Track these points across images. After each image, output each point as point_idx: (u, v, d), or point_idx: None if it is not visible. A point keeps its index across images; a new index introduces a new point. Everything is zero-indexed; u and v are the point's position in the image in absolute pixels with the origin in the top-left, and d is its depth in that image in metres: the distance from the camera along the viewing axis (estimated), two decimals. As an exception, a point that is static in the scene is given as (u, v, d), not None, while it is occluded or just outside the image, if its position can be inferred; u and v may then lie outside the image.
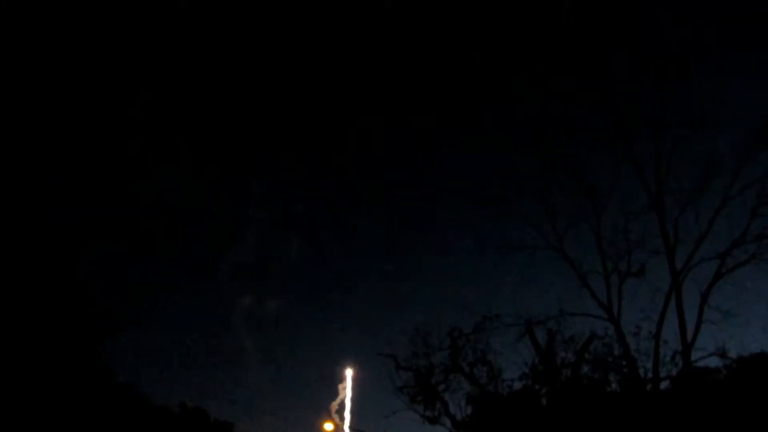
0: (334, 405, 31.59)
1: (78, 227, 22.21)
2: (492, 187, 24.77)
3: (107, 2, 24.01)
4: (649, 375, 22.71)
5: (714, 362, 22.74)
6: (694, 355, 22.21)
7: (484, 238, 25.20)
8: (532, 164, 24.69)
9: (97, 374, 22.08)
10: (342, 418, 30.19)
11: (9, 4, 22.01)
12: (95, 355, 22.20)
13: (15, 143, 21.66)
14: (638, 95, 23.16)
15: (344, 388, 29.81)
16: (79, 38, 23.59)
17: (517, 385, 24.67)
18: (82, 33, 23.62)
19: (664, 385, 22.81)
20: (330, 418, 31.75)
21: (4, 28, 21.81)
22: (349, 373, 29.60)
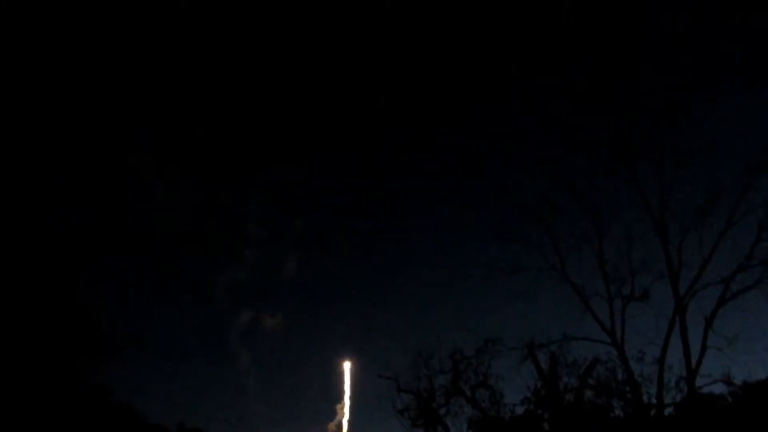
0: (332, 426, 31.24)
1: (77, 249, 22.17)
2: (495, 208, 24.75)
3: (107, 2, 24.07)
4: (653, 401, 22.44)
5: (719, 389, 22.48)
6: (698, 381, 21.97)
7: (486, 260, 25.14)
8: (535, 187, 24.68)
9: (94, 393, 21.90)
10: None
11: (9, 4, 22.06)
12: (94, 375, 22.06)
13: (11, 158, 21.64)
14: (641, 119, 23.20)
15: (342, 408, 29.49)
16: (79, 39, 23.59)
17: (519, 410, 24.42)
18: (82, 33, 23.62)
19: (668, 411, 22.50)
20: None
21: (4, 28, 21.84)
22: (347, 365, 29.36)
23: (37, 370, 20.28)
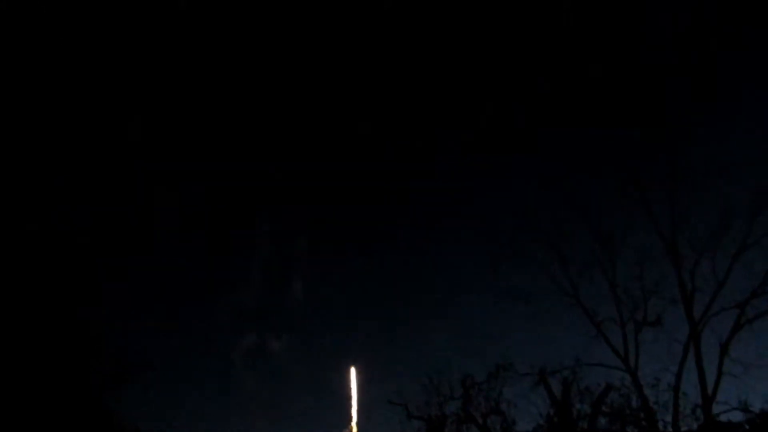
0: None
1: (84, 275, 22.27)
2: (504, 232, 24.64)
3: (107, 2, 24.19)
4: (669, 429, 21.98)
5: (737, 416, 21.93)
6: (715, 409, 21.52)
7: (496, 284, 24.97)
8: (545, 210, 24.55)
9: (102, 418, 21.87)
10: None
11: (9, 4, 22.25)
12: (102, 400, 22.04)
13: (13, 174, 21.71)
14: (651, 141, 23.06)
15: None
16: (79, 39, 23.61)
17: (532, 437, 23.97)
18: (82, 34, 23.65)
19: (684, 439, 22.03)
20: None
21: (4, 28, 21.99)
22: (353, 372, 29.21)
23: (46, 393, 20.32)
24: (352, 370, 29.10)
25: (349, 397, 28.51)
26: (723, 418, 21.69)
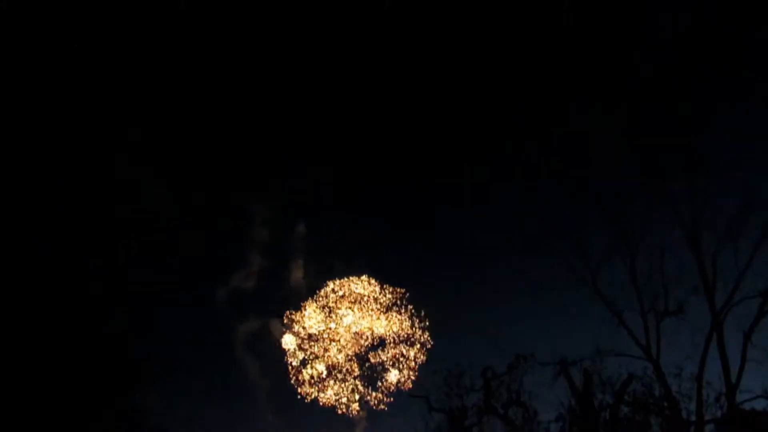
0: None
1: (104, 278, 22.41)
2: (525, 223, 24.61)
3: (107, 2, 24.17)
4: (693, 417, 21.92)
5: (761, 404, 21.83)
6: (739, 397, 21.46)
7: (517, 275, 24.94)
8: (565, 201, 24.44)
9: (127, 415, 22.09)
10: None
11: (9, 4, 22.29)
12: (127, 398, 22.24)
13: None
14: (672, 131, 22.89)
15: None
16: (78, 39, 23.58)
17: (554, 428, 24.02)
18: (82, 33, 23.61)
19: (708, 428, 21.99)
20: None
21: (4, 28, 22.02)
22: None
23: (73, 396, 20.54)
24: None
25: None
26: (747, 406, 21.62)
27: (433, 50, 27.30)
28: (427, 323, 29.00)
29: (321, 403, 28.47)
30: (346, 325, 29.06)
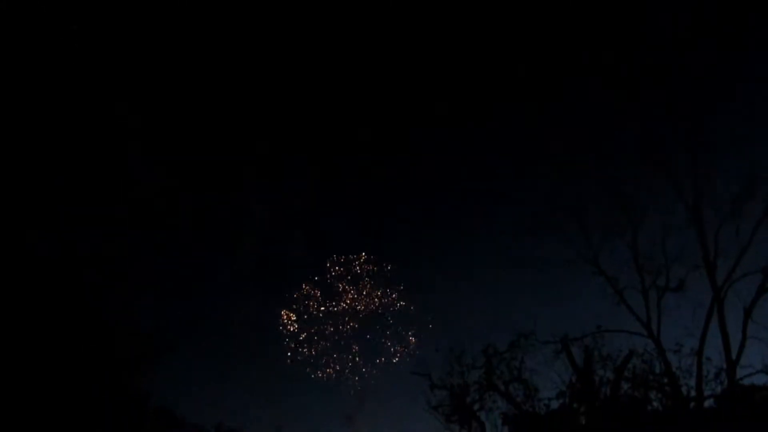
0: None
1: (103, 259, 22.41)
2: (526, 201, 24.52)
3: (107, 2, 24.00)
4: (693, 393, 22.08)
5: (761, 380, 22.00)
6: (739, 373, 21.60)
7: (517, 253, 24.91)
8: (566, 179, 24.28)
9: (134, 398, 22.26)
10: None
11: (9, 4, 22.14)
12: (133, 380, 22.40)
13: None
14: (674, 107, 22.67)
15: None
16: (78, 40, 23.44)
17: (555, 404, 24.18)
18: (82, 34, 23.46)
19: (708, 403, 22.15)
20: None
21: (4, 28, 21.89)
22: None
23: (78, 377, 20.68)
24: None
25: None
26: (747, 381, 21.79)
27: (430, 41, 27.07)
28: (425, 300, 29.14)
29: (321, 377, 28.75)
30: (345, 302, 29.27)
